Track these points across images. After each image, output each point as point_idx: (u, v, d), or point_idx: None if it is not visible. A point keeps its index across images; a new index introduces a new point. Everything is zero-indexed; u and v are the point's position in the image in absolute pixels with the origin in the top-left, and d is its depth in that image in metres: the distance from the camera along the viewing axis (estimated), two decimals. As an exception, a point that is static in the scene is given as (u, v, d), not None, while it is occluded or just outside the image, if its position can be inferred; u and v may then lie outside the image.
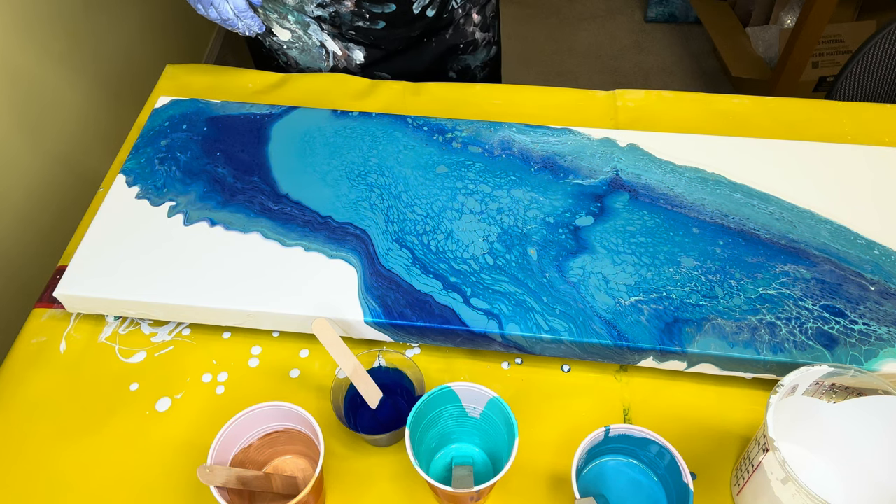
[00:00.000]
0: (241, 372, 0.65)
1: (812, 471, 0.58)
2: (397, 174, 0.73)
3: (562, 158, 0.74)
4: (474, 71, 0.98)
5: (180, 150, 0.75)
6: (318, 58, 0.91)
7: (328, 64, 0.91)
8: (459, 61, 0.96)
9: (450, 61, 0.95)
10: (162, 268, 0.66)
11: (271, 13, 0.86)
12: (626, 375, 0.65)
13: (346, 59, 0.90)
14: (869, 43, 1.07)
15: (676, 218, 0.69)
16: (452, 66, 0.96)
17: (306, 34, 0.87)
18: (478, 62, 0.97)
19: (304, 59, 0.91)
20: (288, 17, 0.86)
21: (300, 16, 0.85)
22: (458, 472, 0.55)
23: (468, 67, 0.97)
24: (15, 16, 1.15)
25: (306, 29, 0.87)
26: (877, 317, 0.62)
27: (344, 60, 0.90)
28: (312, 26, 0.86)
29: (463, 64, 0.96)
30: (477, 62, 0.97)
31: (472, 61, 0.96)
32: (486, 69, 0.99)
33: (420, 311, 0.62)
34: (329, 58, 0.90)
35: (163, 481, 0.59)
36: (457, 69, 0.97)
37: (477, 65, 0.97)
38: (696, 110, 0.85)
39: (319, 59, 0.91)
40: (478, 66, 0.98)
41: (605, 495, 0.57)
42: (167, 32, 1.76)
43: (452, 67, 0.96)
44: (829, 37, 1.83)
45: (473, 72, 0.98)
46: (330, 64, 0.91)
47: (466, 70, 0.98)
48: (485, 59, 0.98)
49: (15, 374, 0.65)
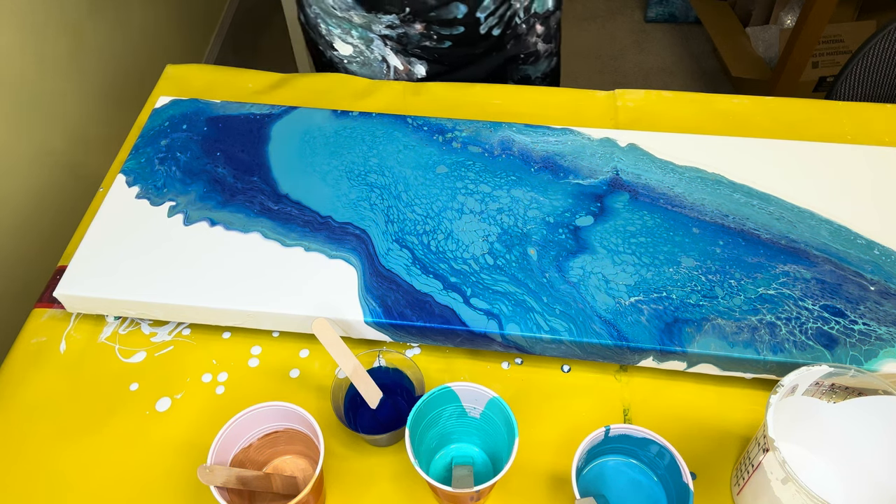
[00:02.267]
0: (241, 372, 0.65)
1: (812, 471, 0.58)
2: (397, 174, 0.73)
3: (562, 158, 0.74)
4: (534, 82, 0.97)
5: (180, 150, 0.75)
6: (379, 72, 0.91)
7: (389, 77, 0.91)
8: (519, 71, 0.95)
9: (510, 71, 0.94)
10: (162, 268, 0.66)
11: (334, 28, 0.87)
12: (626, 375, 0.65)
13: (408, 74, 0.90)
14: (869, 43, 1.07)
15: (676, 218, 0.69)
16: (512, 75, 0.95)
17: (368, 49, 0.88)
18: (538, 73, 0.96)
19: (365, 73, 0.91)
20: (351, 33, 0.86)
21: (364, 31, 0.85)
22: (458, 472, 0.56)
23: (528, 78, 0.96)
24: (15, 16, 1.15)
25: (369, 45, 0.87)
26: (877, 317, 0.62)
27: (405, 75, 0.91)
28: (376, 41, 0.87)
29: (522, 74, 0.95)
30: (537, 73, 0.96)
31: (532, 72, 0.95)
32: (545, 80, 0.98)
33: (420, 311, 0.62)
34: (390, 72, 0.90)
35: (163, 481, 0.59)
36: (516, 79, 0.96)
37: (537, 76, 0.96)
38: (696, 110, 0.85)
39: (380, 73, 0.91)
40: (538, 77, 0.97)
41: (605, 495, 0.57)
42: (167, 32, 1.76)
43: (512, 77, 0.95)
44: (829, 37, 1.83)
45: (533, 83, 0.97)
46: (391, 77, 0.91)
47: (526, 80, 0.96)
48: (545, 69, 0.96)
49: (15, 374, 0.65)
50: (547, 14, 0.91)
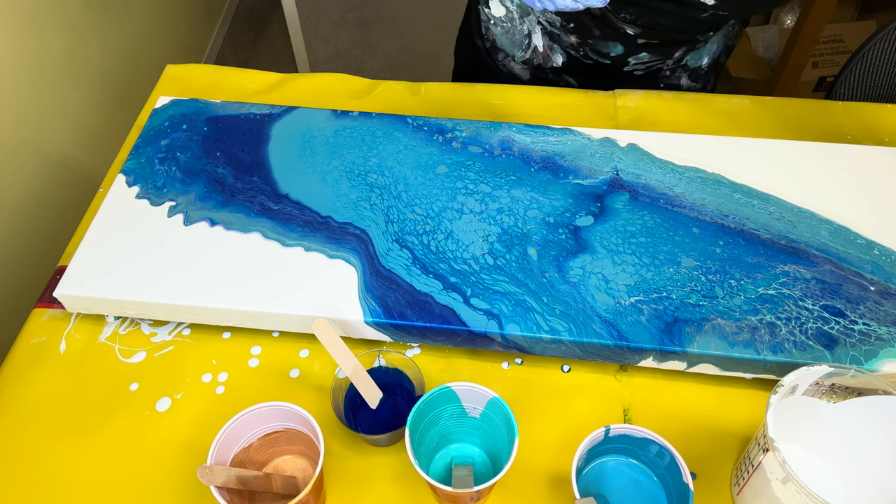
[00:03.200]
0: (241, 372, 0.65)
1: (812, 471, 0.58)
2: (397, 174, 0.73)
3: (562, 158, 0.74)
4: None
5: (180, 150, 0.75)
6: (519, 45, 0.88)
7: (524, 55, 0.89)
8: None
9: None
10: (162, 268, 0.66)
11: None
12: (626, 375, 0.65)
13: (545, 59, 0.88)
14: (869, 43, 1.07)
15: (676, 218, 0.69)
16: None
17: (520, 19, 0.86)
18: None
19: (504, 41, 0.89)
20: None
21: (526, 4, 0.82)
22: (458, 472, 0.56)
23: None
24: (15, 16, 1.15)
25: (524, 16, 0.85)
26: (877, 317, 0.62)
27: (542, 58, 0.88)
28: (531, 17, 0.85)
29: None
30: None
31: None
32: None
33: (420, 311, 0.62)
34: (528, 49, 0.87)
35: (163, 481, 0.59)
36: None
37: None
38: (696, 110, 0.85)
39: (519, 47, 0.88)
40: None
41: (605, 495, 0.57)
42: (167, 32, 1.76)
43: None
44: (829, 37, 1.83)
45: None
46: (527, 55, 0.89)
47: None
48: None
49: (15, 374, 0.65)
50: (697, 70, 0.90)
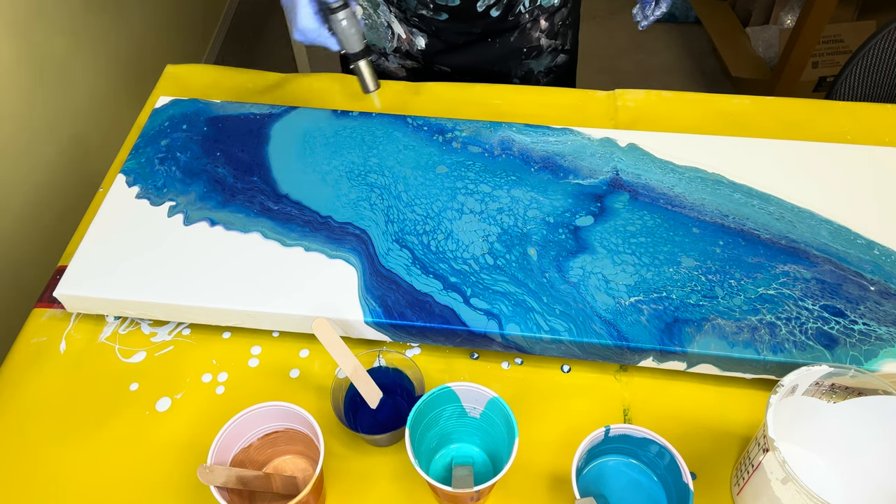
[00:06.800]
0: (241, 372, 0.65)
1: (812, 471, 0.58)
2: (397, 174, 0.73)
3: (562, 158, 0.74)
4: (537, 76, 0.98)
5: (180, 150, 0.75)
6: (384, 37, 0.94)
7: (392, 45, 0.94)
8: (523, 66, 0.96)
9: (513, 65, 0.95)
10: (162, 268, 0.66)
11: None
12: (626, 375, 0.65)
13: (409, 43, 0.93)
14: (869, 43, 1.07)
15: (676, 218, 0.69)
16: (516, 70, 0.96)
17: (376, 13, 0.91)
18: (541, 67, 0.97)
19: (371, 37, 0.94)
20: None
21: None
22: (458, 472, 0.56)
23: (531, 72, 0.97)
24: (15, 16, 1.15)
25: (376, 8, 0.91)
26: (877, 317, 0.62)
27: (407, 44, 0.93)
28: (381, 7, 0.90)
29: (526, 68, 0.96)
30: (540, 67, 0.97)
31: (535, 66, 0.96)
32: (549, 75, 0.99)
33: (420, 311, 0.62)
34: (394, 39, 0.93)
35: (163, 481, 0.59)
36: (520, 74, 0.97)
37: (540, 70, 0.97)
38: (696, 110, 0.85)
39: (385, 39, 0.94)
40: (541, 71, 0.98)
41: (605, 495, 0.57)
42: (167, 32, 1.76)
43: (516, 72, 0.96)
44: (829, 37, 1.83)
45: (536, 77, 0.98)
46: (394, 45, 0.94)
47: (529, 74, 0.97)
48: (548, 65, 0.97)
49: (15, 374, 0.65)
50: (552, 10, 0.92)
